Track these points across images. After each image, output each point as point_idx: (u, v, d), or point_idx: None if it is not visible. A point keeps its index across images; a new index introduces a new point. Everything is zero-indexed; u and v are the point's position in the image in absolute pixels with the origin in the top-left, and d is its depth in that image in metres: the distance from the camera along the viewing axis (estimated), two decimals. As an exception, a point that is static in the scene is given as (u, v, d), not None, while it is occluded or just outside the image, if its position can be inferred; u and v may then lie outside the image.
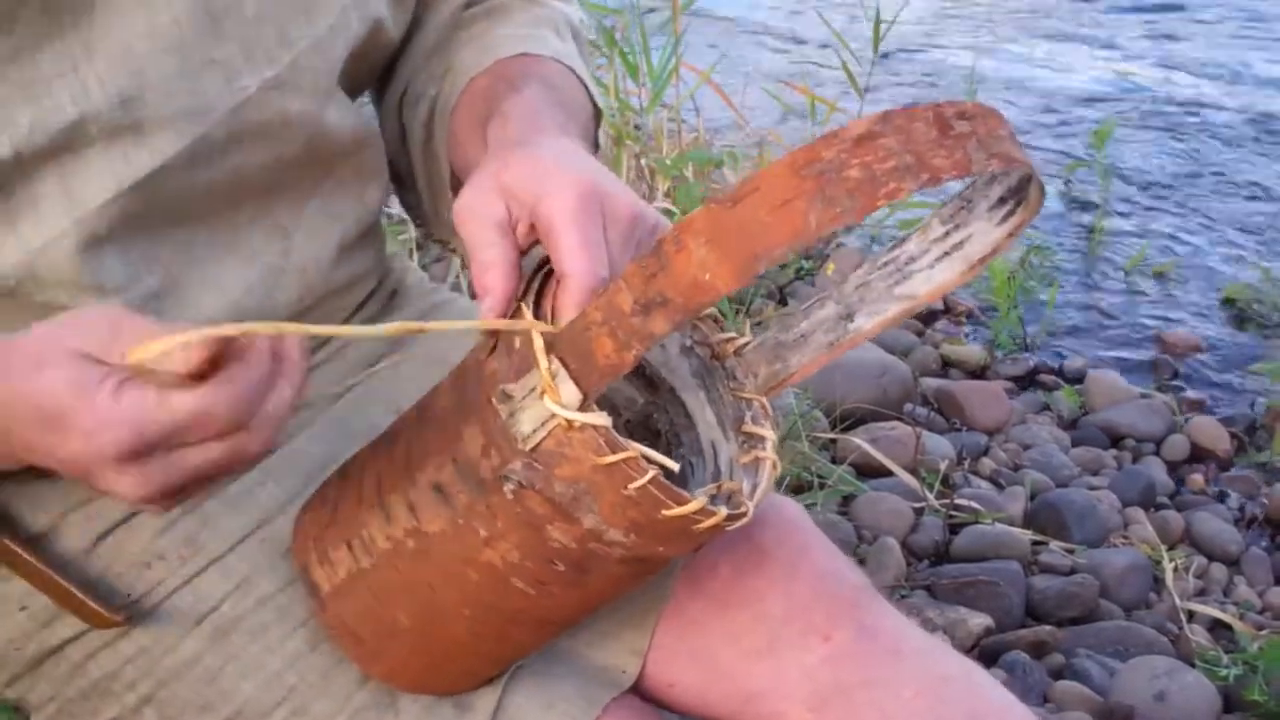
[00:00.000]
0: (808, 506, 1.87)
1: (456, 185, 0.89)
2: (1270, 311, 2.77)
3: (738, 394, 0.81)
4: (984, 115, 0.61)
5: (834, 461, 2.04)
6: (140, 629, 0.83)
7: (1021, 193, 0.70)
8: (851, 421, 2.14)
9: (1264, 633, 1.83)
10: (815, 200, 0.58)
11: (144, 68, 0.77)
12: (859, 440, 2.06)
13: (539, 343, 0.67)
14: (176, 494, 0.67)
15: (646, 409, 0.82)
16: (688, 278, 0.61)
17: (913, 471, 2.05)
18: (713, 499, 0.71)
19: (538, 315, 0.70)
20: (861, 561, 1.85)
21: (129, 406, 0.62)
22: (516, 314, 0.71)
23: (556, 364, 0.66)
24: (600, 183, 0.72)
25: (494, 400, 0.69)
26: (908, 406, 2.27)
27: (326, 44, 0.86)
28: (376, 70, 0.98)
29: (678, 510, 0.68)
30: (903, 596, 1.81)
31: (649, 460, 0.67)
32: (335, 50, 0.88)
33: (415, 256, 2.35)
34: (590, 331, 0.65)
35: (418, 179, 0.99)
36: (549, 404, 0.66)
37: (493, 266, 0.71)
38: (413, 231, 2.41)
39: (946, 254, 0.75)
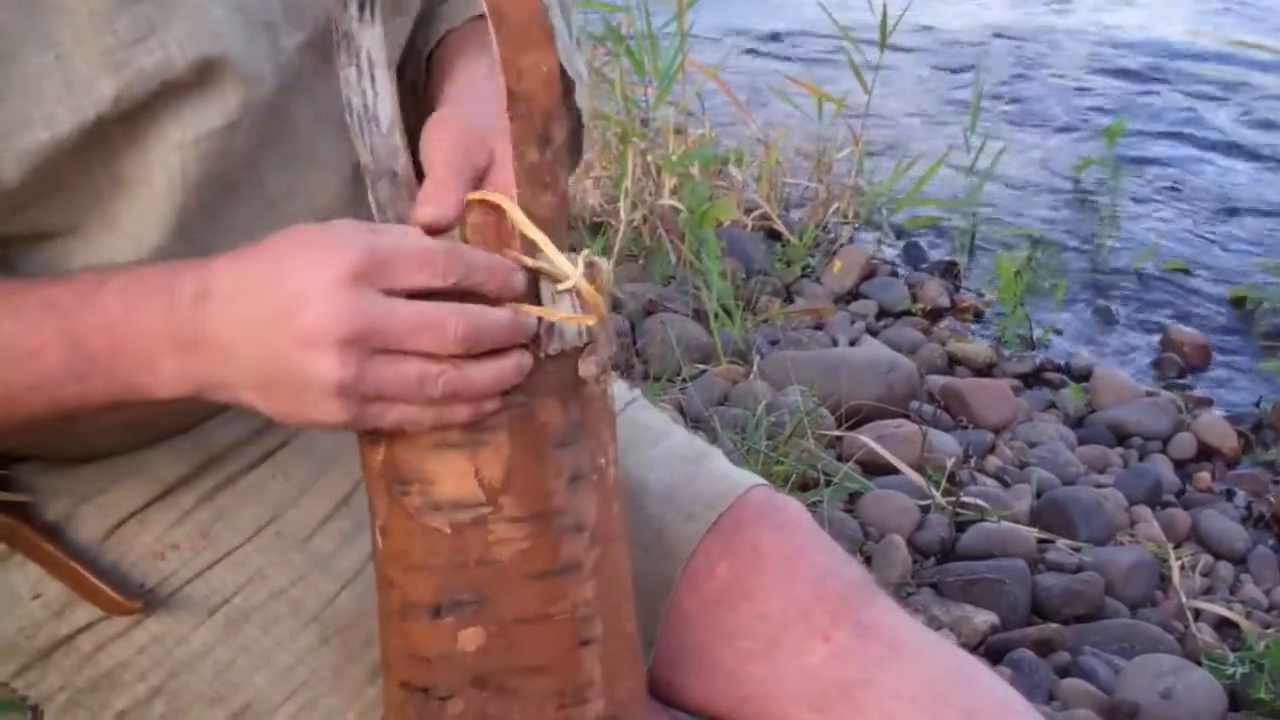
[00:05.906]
0: (813, 504, 1.87)
1: None
2: (1278, 310, 2.77)
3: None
4: None
5: (840, 459, 2.04)
6: (152, 619, 0.84)
7: None
8: (857, 419, 2.14)
9: (1270, 631, 1.83)
10: None
11: (220, 31, 0.74)
12: (865, 438, 2.06)
13: (567, 264, 0.71)
14: (374, 385, 0.67)
15: None
16: (537, 84, 0.70)
17: (919, 469, 2.04)
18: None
19: None
20: (867, 559, 1.85)
21: (364, 231, 0.67)
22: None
23: (560, 258, 0.71)
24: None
25: (542, 350, 0.71)
26: (914, 404, 2.27)
27: None
28: None
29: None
30: (908, 594, 1.82)
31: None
32: None
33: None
34: (538, 203, 0.71)
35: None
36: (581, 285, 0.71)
37: (444, 185, 0.71)
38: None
39: None
